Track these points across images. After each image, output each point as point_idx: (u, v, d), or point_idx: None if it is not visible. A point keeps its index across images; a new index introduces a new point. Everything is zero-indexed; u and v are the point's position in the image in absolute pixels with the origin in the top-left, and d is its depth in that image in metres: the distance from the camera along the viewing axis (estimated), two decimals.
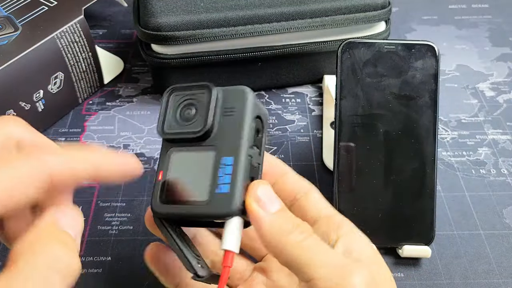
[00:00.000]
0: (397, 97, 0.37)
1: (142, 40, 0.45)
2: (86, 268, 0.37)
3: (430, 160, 0.37)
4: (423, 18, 0.60)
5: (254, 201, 0.24)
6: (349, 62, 0.37)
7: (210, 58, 0.45)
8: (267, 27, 0.44)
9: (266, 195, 0.25)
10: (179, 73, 0.46)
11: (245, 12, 0.44)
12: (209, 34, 0.43)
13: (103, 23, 0.59)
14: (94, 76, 0.48)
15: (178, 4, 0.44)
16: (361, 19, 0.45)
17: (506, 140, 0.46)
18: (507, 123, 0.48)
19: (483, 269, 0.37)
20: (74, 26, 0.44)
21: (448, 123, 0.48)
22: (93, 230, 0.39)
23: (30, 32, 0.42)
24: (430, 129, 0.37)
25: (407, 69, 0.37)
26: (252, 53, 0.45)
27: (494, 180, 0.43)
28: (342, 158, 0.37)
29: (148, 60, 0.46)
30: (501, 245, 0.39)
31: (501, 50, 0.56)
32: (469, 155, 0.45)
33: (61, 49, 0.43)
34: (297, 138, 0.46)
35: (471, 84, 0.52)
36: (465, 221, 0.40)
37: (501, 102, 0.50)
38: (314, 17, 0.45)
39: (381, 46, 0.37)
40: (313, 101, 0.50)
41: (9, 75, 0.40)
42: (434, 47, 0.37)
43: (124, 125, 0.47)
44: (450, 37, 0.58)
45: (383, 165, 0.37)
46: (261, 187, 0.25)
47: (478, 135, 0.47)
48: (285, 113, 0.49)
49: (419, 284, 0.36)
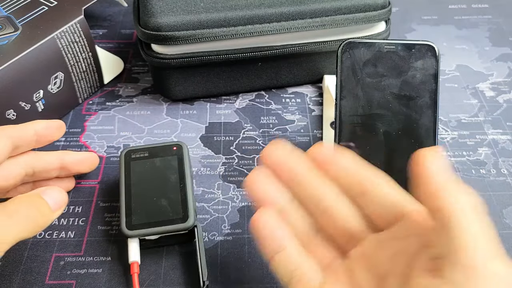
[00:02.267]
0: (397, 97, 0.37)
1: (142, 40, 0.45)
2: (86, 268, 0.37)
3: None
4: (423, 18, 0.60)
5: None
6: (349, 62, 0.37)
7: (210, 58, 0.45)
8: (267, 27, 0.44)
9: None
10: (179, 73, 0.46)
11: (245, 12, 0.44)
12: (209, 34, 0.43)
13: (103, 23, 0.59)
14: (94, 76, 0.48)
15: (178, 4, 0.44)
16: (361, 19, 0.45)
17: (506, 140, 0.46)
18: (507, 123, 0.48)
19: None
20: (74, 26, 0.44)
21: (448, 123, 0.48)
22: (93, 230, 0.39)
23: (30, 32, 0.42)
24: (430, 129, 0.37)
25: (407, 69, 0.37)
26: (252, 53, 0.45)
27: (494, 180, 0.43)
28: None
29: (148, 60, 0.46)
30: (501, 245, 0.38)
31: (501, 50, 0.56)
32: (469, 155, 0.45)
33: (61, 49, 0.43)
34: (297, 138, 0.46)
35: (471, 84, 0.52)
36: None
37: (501, 102, 0.50)
38: (314, 17, 0.45)
39: (381, 46, 0.37)
40: (313, 101, 0.50)
41: (9, 75, 0.40)
42: (434, 47, 0.37)
43: (124, 125, 0.47)
44: (450, 37, 0.58)
45: (383, 165, 0.37)
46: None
47: (478, 135, 0.47)
48: (285, 113, 0.49)
49: None
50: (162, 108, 0.49)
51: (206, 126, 0.47)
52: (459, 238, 0.23)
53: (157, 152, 0.40)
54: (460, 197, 0.24)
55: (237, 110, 0.49)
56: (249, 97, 0.50)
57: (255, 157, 0.45)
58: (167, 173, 0.39)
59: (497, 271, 0.22)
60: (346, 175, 0.30)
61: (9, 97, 0.41)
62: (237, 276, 0.37)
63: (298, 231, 0.30)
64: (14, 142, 0.35)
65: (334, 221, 0.30)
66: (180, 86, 0.48)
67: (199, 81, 0.48)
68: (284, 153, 0.31)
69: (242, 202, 0.41)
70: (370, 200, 0.29)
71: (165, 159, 0.40)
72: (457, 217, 0.24)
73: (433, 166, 0.26)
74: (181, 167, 0.39)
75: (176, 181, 0.38)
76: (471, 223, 0.23)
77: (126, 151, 0.40)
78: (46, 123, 0.37)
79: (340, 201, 0.30)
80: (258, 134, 0.47)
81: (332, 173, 0.31)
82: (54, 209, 0.33)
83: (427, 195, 0.25)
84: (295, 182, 0.31)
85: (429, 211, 0.25)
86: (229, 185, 0.42)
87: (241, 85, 0.49)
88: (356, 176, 0.30)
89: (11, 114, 0.41)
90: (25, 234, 0.30)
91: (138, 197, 0.37)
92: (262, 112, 0.49)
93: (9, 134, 0.35)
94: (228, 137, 0.46)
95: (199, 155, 0.45)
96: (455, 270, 0.22)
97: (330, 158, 0.31)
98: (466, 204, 0.24)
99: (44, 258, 0.37)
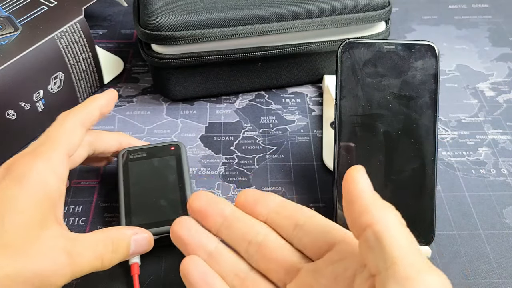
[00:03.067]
0: (397, 97, 0.37)
1: (142, 40, 0.45)
2: None
3: (430, 160, 0.37)
4: (423, 18, 0.60)
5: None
6: (349, 62, 0.37)
7: (210, 58, 0.45)
8: (267, 27, 0.44)
9: None
10: (179, 73, 0.46)
11: (245, 12, 0.44)
12: (209, 34, 0.43)
13: (103, 23, 0.59)
14: (94, 76, 0.48)
15: (178, 4, 0.44)
16: (361, 19, 0.45)
17: (506, 140, 0.46)
18: (507, 123, 0.48)
19: (483, 269, 0.37)
20: (74, 26, 0.44)
21: (448, 123, 0.48)
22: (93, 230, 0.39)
23: (30, 32, 0.42)
24: (430, 129, 0.37)
25: (407, 69, 0.37)
26: (252, 53, 0.45)
27: (494, 180, 0.43)
28: (342, 158, 0.37)
29: (148, 60, 0.46)
30: (501, 245, 0.39)
31: (501, 50, 0.56)
32: (469, 155, 0.45)
33: (61, 49, 0.43)
34: (297, 138, 0.46)
35: (471, 84, 0.52)
36: (465, 221, 0.40)
37: (501, 102, 0.50)
38: (314, 17, 0.45)
39: (381, 46, 0.37)
40: (313, 101, 0.50)
41: (9, 75, 0.40)
42: (434, 47, 0.37)
43: (124, 125, 0.47)
44: (450, 37, 0.58)
45: (383, 165, 0.37)
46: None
47: (478, 135, 0.47)
48: (285, 113, 0.49)
49: None
50: (162, 108, 0.49)
51: (206, 126, 0.47)
52: (393, 252, 0.24)
53: (155, 152, 0.40)
54: (387, 213, 0.25)
55: (237, 110, 0.49)
56: (249, 97, 0.50)
57: (255, 157, 0.45)
58: (165, 173, 0.39)
59: (432, 281, 0.23)
60: (276, 212, 0.31)
61: (9, 97, 0.41)
62: None
63: (232, 272, 0.31)
64: (85, 126, 0.35)
65: (268, 258, 0.31)
66: (180, 86, 0.48)
67: (199, 81, 0.48)
68: (209, 200, 0.32)
69: None
70: (302, 232, 0.30)
71: (164, 159, 0.40)
72: (388, 232, 0.24)
73: (361, 184, 0.26)
74: (179, 167, 0.39)
75: (175, 181, 0.38)
76: (400, 237, 0.24)
77: (124, 151, 0.40)
78: (106, 99, 0.37)
79: (271, 238, 0.31)
80: (258, 134, 0.47)
81: (261, 212, 0.32)
82: (132, 252, 0.33)
83: (357, 212, 0.26)
84: (224, 226, 0.31)
85: (360, 227, 0.26)
86: (229, 185, 0.42)
87: (241, 85, 0.49)
88: (287, 210, 0.31)
89: (11, 114, 0.41)
90: (86, 271, 0.31)
91: (137, 198, 0.37)
92: (262, 112, 0.49)
93: (82, 121, 0.34)
94: (228, 137, 0.46)
95: (199, 155, 0.45)
96: (393, 283, 0.23)
97: (257, 199, 0.32)
98: (393, 220, 0.25)
99: None
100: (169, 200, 0.37)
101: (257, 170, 0.44)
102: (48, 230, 0.29)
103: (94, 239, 0.31)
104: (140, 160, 0.40)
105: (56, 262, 0.28)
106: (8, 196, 0.29)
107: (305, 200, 0.41)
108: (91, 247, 0.31)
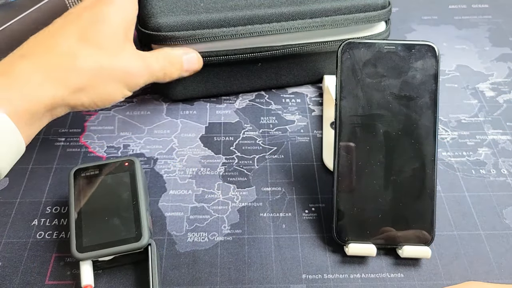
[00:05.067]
0: (397, 97, 0.37)
1: (142, 40, 0.45)
2: None
3: (430, 160, 0.37)
4: (423, 18, 0.60)
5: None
6: (349, 63, 0.37)
7: (210, 58, 0.45)
8: (267, 27, 0.44)
9: None
10: None
11: (245, 12, 0.44)
12: (209, 34, 0.43)
13: None
14: None
15: (178, 4, 0.44)
16: (361, 19, 0.45)
17: (506, 140, 0.46)
18: (507, 123, 0.48)
19: (483, 269, 0.37)
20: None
21: (448, 123, 0.48)
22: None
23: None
24: (430, 129, 0.37)
25: (407, 70, 0.37)
26: (252, 53, 0.45)
27: (494, 180, 0.43)
28: (342, 158, 0.37)
29: None
30: (501, 245, 0.39)
31: (501, 50, 0.56)
32: (469, 155, 0.45)
33: (68, 6, 0.46)
34: (297, 138, 0.46)
35: (471, 84, 0.52)
36: (465, 221, 0.40)
37: (501, 102, 0.50)
38: (314, 17, 0.45)
39: (381, 46, 0.37)
40: (313, 101, 0.50)
41: (18, 29, 0.43)
42: (434, 47, 0.37)
43: (124, 125, 0.47)
44: (450, 37, 0.58)
45: (383, 165, 0.37)
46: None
47: (478, 135, 0.47)
48: (285, 113, 0.49)
49: (419, 284, 0.36)
50: (162, 108, 0.49)
51: (206, 126, 0.47)
52: None
53: (108, 169, 0.39)
54: None
55: (237, 110, 0.49)
56: (249, 97, 0.50)
57: (255, 157, 0.45)
58: (119, 190, 0.38)
59: None
60: None
61: None
62: (237, 276, 0.37)
63: None
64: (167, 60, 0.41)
65: None
66: (180, 86, 0.48)
67: (199, 81, 0.48)
68: None
69: (242, 203, 0.41)
70: None
71: (117, 175, 0.38)
72: None
73: None
74: (133, 183, 0.38)
75: (129, 198, 0.37)
76: None
77: (75, 169, 0.39)
78: (192, 56, 0.43)
79: None
80: (258, 134, 0.47)
81: None
82: (186, 69, 0.42)
83: None
84: None
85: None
86: (229, 185, 0.42)
87: (241, 85, 0.49)
88: None
89: None
90: (154, 79, 0.40)
91: (89, 217, 0.36)
92: (262, 112, 0.49)
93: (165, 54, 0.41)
94: (228, 137, 0.46)
95: (199, 155, 0.45)
96: None
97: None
98: None
99: (44, 258, 0.37)
100: (122, 219, 0.36)
101: (257, 171, 0.44)
102: (129, 42, 0.38)
103: (156, 55, 0.40)
104: (92, 177, 0.38)
105: (138, 66, 0.38)
106: (103, 12, 0.37)
107: (305, 200, 0.41)
108: (157, 60, 0.40)
